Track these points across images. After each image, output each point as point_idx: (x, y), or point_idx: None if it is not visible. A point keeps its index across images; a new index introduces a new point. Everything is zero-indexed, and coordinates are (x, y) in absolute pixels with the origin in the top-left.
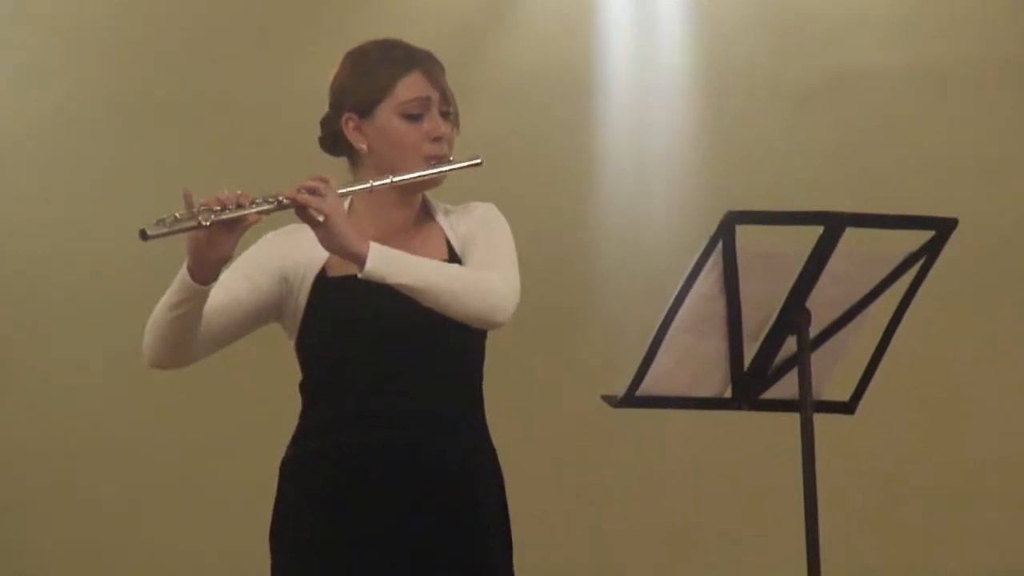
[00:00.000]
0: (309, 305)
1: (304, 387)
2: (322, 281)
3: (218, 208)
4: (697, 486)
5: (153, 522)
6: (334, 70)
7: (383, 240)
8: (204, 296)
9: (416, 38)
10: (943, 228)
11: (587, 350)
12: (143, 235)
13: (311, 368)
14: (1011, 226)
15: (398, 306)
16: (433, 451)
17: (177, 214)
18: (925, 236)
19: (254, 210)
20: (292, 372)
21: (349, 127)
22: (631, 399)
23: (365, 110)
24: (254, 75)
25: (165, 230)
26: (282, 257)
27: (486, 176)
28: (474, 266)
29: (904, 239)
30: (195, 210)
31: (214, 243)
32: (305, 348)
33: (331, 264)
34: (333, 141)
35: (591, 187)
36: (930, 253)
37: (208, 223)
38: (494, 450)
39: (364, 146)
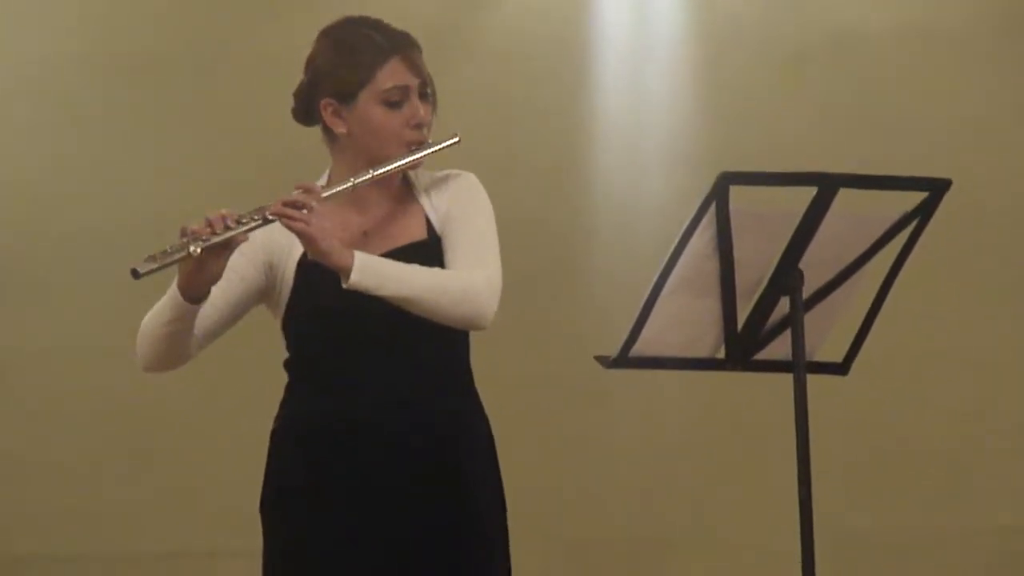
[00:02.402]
0: (295, 287)
1: (290, 364)
2: (305, 262)
3: (206, 235)
4: (690, 447)
5: (138, 494)
6: (310, 49)
7: (362, 221)
8: (196, 313)
9: (410, 3)
10: (937, 189)
11: (580, 311)
12: (134, 274)
13: (298, 345)
14: (1004, 186)
15: None
16: (422, 417)
17: (168, 247)
18: (919, 197)
19: (241, 230)
20: (276, 346)
21: (328, 112)
22: (624, 360)
23: (345, 97)
24: (249, 30)
25: (156, 266)
26: (265, 244)
27: (480, 139)
28: (458, 260)
29: (898, 200)
30: (185, 240)
31: (204, 267)
32: (292, 327)
33: None
34: (307, 114)
35: (585, 148)
36: (924, 214)
37: (198, 251)
38: (484, 413)
39: (343, 130)
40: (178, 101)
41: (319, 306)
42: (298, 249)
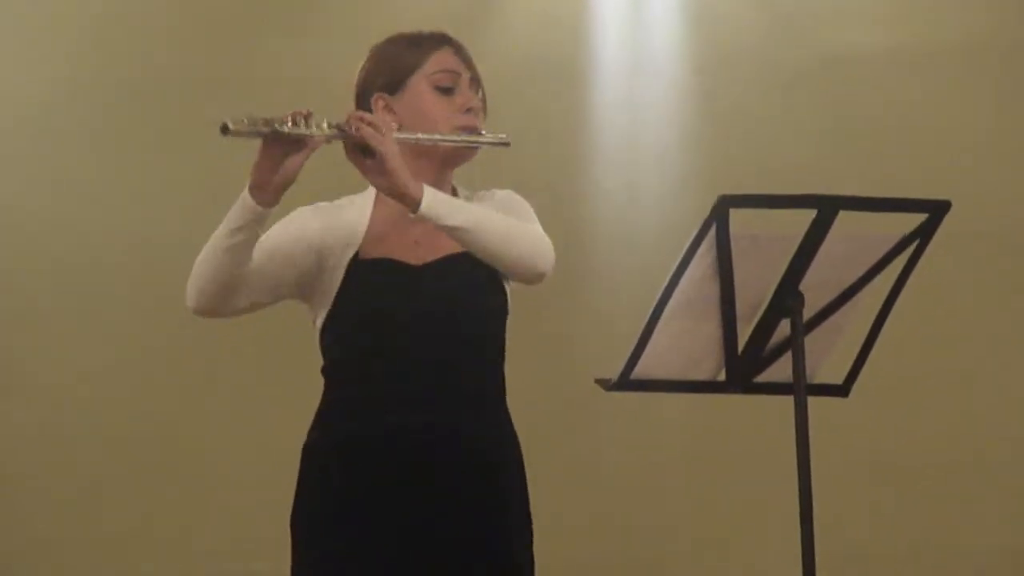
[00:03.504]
0: (343, 287)
1: (329, 370)
2: (356, 263)
3: (290, 123)
4: (691, 469)
5: (155, 510)
6: (360, 66)
7: (413, 230)
8: (262, 222)
9: (410, 19)
10: (936, 210)
11: (581, 334)
12: (224, 129)
13: (339, 350)
14: (1004, 207)
15: (429, 292)
16: (461, 434)
17: (253, 116)
18: (919, 219)
19: (322, 134)
20: (297, 360)
21: (379, 107)
22: (625, 383)
23: (395, 85)
24: (248, 54)
25: (243, 129)
26: (319, 231)
27: (477, 158)
28: None
29: (898, 222)
30: (270, 119)
31: (280, 161)
32: (335, 329)
33: (365, 247)
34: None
35: (584, 171)
36: (924, 235)
37: (282, 129)
38: (516, 435)
39: (395, 124)
40: (176, 124)
41: (366, 309)
42: (351, 248)
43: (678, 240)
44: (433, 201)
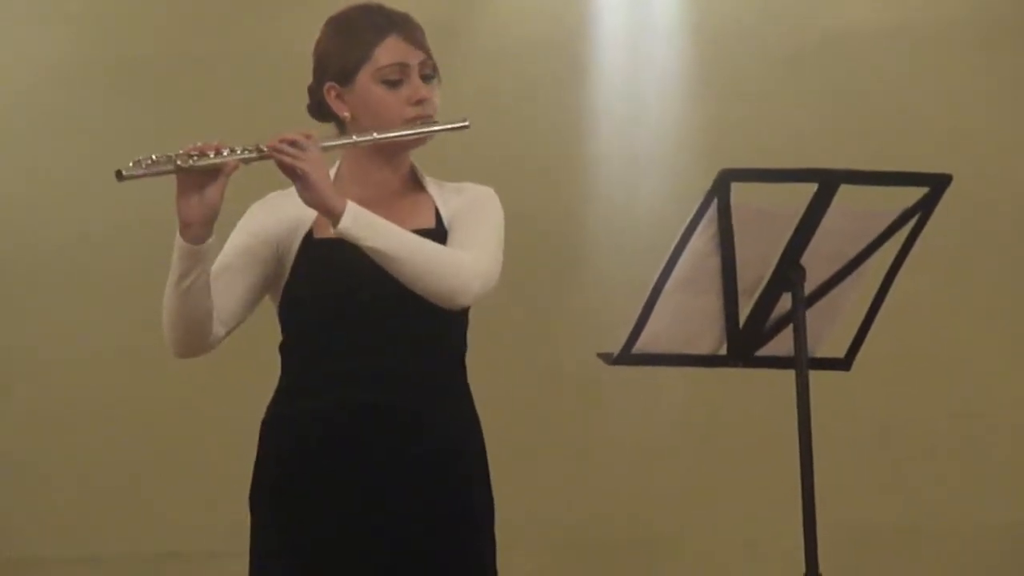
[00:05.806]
0: (295, 265)
1: (285, 348)
2: (308, 242)
3: (196, 155)
4: (692, 444)
5: (131, 485)
6: (317, 37)
7: (370, 203)
8: (205, 258)
9: None
10: (937, 184)
11: (582, 308)
12: (119, 176)
13: (293, 328)
14: (1003, 183)
15: (382, 271)
16: (413, 413)
17: (154, 156)
18: (919, 192)
19: (234, 158)
20: (272, 333)
21: (331, 96)
22: (627, 356)
23: (345, 78)
24: (244, 32)
25: (141, 172)
26: (273, 224)
27: (478, 135)
28: (454, 242)
29: (899, 196)
30: (172, 155)
31: (200, 195)
32: (288, 308)
33: (318, 226)
34: (319, 109)
35: (584, 146)
36: (924, 209)
37: (186, 166)
38: (475, 411)
39: (347, 114)
40: (173, 104)
41: (319, 289)
42: (303, 228)
43: (680, 215)
44: (353, 221)
